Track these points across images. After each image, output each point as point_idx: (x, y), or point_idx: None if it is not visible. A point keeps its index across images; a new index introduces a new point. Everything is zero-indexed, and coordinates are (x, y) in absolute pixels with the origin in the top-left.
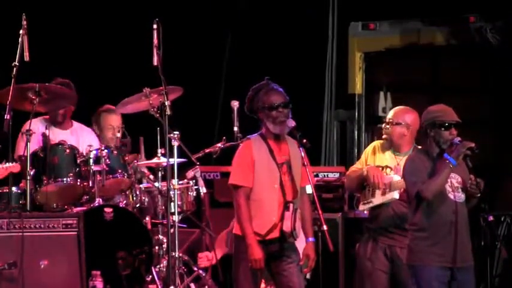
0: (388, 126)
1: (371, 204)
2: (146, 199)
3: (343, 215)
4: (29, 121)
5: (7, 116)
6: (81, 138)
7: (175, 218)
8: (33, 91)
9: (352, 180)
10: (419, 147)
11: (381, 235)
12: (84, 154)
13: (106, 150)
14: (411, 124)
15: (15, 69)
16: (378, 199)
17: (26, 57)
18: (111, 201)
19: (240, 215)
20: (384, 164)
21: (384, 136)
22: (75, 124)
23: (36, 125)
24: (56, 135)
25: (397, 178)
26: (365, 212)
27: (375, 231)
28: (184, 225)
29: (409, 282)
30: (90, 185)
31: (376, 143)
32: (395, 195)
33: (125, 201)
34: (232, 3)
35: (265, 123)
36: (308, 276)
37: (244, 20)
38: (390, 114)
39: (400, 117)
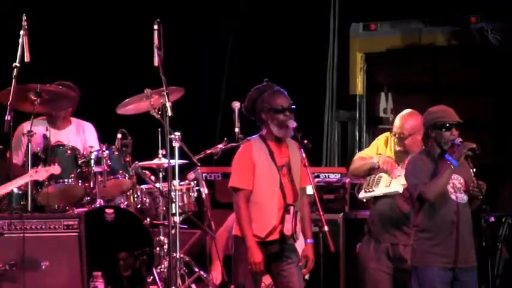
0: (402, 141)
1: (373, 194)
2: (147, 200)
3: (345, 216)
4: (27, 122)
5: (8, 117)
6: (78, 134)
7: (177, 218)
8: (34, 92)
9: (360, 166)
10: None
11: (383, 233)
12: (85, 155)
13: (107, 151)
14: (421, 128)
15: (15, 70)
16: (380, 189)
17: (27, 58)
18: (112, 202)
19: (240, 217)
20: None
21: (398, 149)
22: (74, 122)
23: (36, 126)
24: (52, 135)
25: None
26: (364, 200)
27: (377, 231)
28: (186, 226)
29: (411, 283)
30: (91, 186)
31: (388, 134)
32: (400, 188)
33: (126, 202)
34: (234, 4)
35: (269, 125)
36: (307, 277)
37: (246, 21)
38: (399, 128)
39: (410, 129)
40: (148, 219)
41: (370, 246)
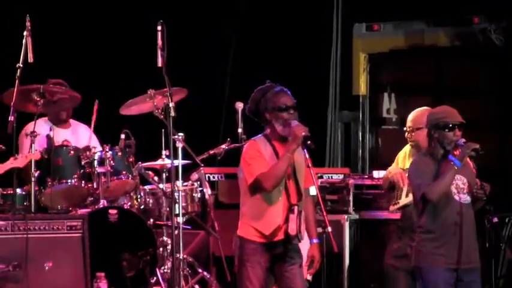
0: (410, 134)
1: (398, 205)
2: (150, 201)
3: (348, 217)
4: (33, 122)
5: (11, 118)
6: (79, 135)
7: (180, 219)
8: (37, 93)
9: (383, 182)
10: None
11: (404, 235)
12: (89, 155)
13: (110, 152)
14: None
15: (19, 70)
16: (403, 200)
17: (30, 59)
18: (115, 203)
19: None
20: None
21: (410, 144)
22: (71, 121)
23: (40, 126)
24: (59, 134)
25: None
26: (394, 212)
27: (401, 230)
28: (189, 227)
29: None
30: (95, 186)
31: (408, 147)
32: None
33: (129, 203)
34: (234, 4)
35: (273, 124)
36: (309, 277)
37: (249, 22)
38: (409, 122)
39: (418, 122)
40: (151, 220)
41: (394, 243)
